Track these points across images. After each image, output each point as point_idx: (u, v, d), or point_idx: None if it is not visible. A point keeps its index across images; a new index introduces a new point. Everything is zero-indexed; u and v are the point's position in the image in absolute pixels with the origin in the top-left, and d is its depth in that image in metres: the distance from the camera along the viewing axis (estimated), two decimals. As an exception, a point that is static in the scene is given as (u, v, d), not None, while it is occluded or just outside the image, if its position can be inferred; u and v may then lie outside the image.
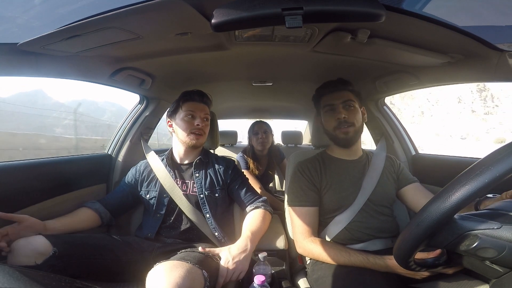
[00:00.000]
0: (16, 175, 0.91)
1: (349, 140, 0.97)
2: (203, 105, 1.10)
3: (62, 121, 36.83)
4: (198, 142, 1.07)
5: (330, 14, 0.57)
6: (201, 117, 1.07)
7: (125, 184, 1.12)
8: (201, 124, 1.06)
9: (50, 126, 40.84)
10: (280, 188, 2.54)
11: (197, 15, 0.64)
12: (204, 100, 1.11)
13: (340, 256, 0.82)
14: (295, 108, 2.31)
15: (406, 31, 0.77)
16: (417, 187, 1.01)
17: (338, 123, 0.96)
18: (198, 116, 1.07)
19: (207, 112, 1.12)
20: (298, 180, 0.99)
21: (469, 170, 0.45)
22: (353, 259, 0.79)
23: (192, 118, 1.06)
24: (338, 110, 0.96)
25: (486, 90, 46.12)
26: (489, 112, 38.05)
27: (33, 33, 0.66)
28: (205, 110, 1.10)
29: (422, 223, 0.47)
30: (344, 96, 0.98)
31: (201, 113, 1.08)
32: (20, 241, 0.73)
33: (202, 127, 1.07)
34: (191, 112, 1.06)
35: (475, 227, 0.46)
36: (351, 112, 0.96)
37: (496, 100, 44.97)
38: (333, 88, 1.01)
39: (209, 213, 1.02)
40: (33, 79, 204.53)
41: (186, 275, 0.62)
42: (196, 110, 1.07)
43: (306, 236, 0.91)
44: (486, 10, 0.67)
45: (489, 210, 0.51)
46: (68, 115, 26.09)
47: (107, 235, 0.95)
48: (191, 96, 1.10)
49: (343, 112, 0.95)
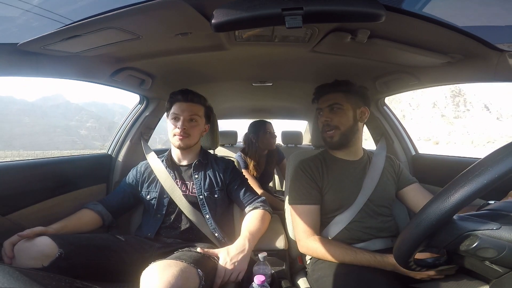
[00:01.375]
0: (16, 175, 0.91)
1: (334, 144, 0.97)
2: (189, 104, 1.05)
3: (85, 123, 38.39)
4: (184, 144, 1.03)
5: (330, 14, 0.57)
6: (185, 118, 1.03)
7: (126, 185, 1.12)
8: (183, 126, 1.02)
9: (75, 128, 42.42)
10: (280, 188, 2.54)
11: (197, 15, 0.64)
12: (189, 98, 1.06)
13: (346, 255, 0.82)
14: (295, 108, 2.31)
15: (406, 31, 0.77)
16: (416, 187, 1.01)
17: (322, 127, 0.99)
18: (182, 117, 1.03)
19: (195, 111, 1.06)
20: (300, 178, 0.99)
21: (467, 171, 0.45)
22: (359, 258, 0.80)
23: (175, 120, 1.04)
24: (323, 114, 0.98)
25: (460, 95, 49.58)
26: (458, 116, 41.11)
27: (33, 33, 0.66)
28: (191, 109, 1.05)
29: (421, 224, 0.47)
30: (331, 99, 0.98)
31: (185, 113, 1.03)
32: (25, 243, 0.73)
33: (186, 128, 1.03)
34: (174, 114, 1.04)
35: (474, 228, 0.46)
36: (336, 115, 0.96)
37: (469, 104, 48.41)
38: (322, 92, 1.02)
39: (209, 214, 1.02)
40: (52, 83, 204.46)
41: (179, 274, 0.62)
42: (179, 112, 1.04)
43: (309, 234, 0.91)
44: (486, 10, 0.67)
45: (489, 210, 0.51)
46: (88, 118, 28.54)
47: (111, 235, 0.95)
48: (175, 97, 1.06)
49: (326, 116, 0.97)
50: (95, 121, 38.15)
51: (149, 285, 0.60)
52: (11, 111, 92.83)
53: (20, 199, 0.89)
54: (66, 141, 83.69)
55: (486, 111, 50.01)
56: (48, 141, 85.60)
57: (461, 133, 38.19)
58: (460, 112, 47.97)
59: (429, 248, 0.53)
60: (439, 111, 43.21)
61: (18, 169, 0.94)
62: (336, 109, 0.96)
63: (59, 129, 63.01)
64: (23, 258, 0.71)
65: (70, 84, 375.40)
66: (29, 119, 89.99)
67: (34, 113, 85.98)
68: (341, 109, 0.96)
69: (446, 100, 49.51)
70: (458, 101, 52.34)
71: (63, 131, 52.49)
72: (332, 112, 0.96)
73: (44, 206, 0.97)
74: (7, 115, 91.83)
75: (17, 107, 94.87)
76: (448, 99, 49.79)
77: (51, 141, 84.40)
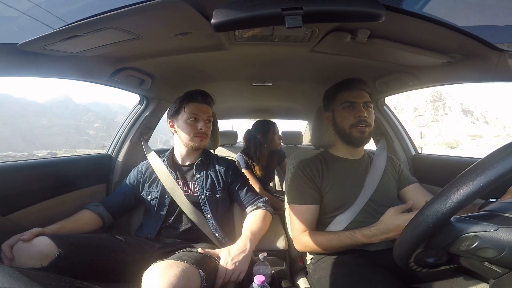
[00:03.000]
0: (16, 175, 0.91)
1: (363, 140, 0.97)
2: (206, 106, 1.08)
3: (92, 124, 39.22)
4: (202, 145, 1.07)
5: (330, 14, 0.57)
6: (204, 119, 1.06)
7: (126, 186, 1.11)
8: (204, 127, 1.05)
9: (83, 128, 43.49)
10: (280, 188, 2.53)
11: (197, 15, 0.64)
12: (207, 101, 1.09)
13: (330, 240, 0.84)
14: (295, 108, 2.31)
15: (406, 31, 0.78)
16: (417, 187, 1.01)
17: (357, 121, 0.95)
18: (201, 118, 1.05)
19: (210, 113, 1.10)
20: (298, 178, 0.98)
21: (465, 173, 0.45)
22: (343, 238, 0.83)
23: (195, 121, 1.05)
24: (359, 108, 0.95)
25: (440, 100, 51.44)
26: (436, 119, 42.34)
27: (33, 33, 0.66)
28: (208, 111, 1.08)
29: (419, 226, 0.48)
30: (365, 96, 0.98)
31: (204, 115, 1.06)
32: (24, 243, 0.73)
33: (205, 130, 1.06)
34: (194, 114, 1.05)
35: (472, 230, 0.46)
36: (370, 113, 0.97)
37: (447, 109, 50.07)
38: (355, 87, 1.00)
39: (210, 214, 1.02)
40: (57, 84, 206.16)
41: (181, 275, 0.62)
42: (199, 113, 1.05)
43: (303, 231, 0.92)
44: (486, 10, 0.67)
45: (487, 211, 0.51)
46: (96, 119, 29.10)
47: (110, 236, 0.95)
48: (194, 97, 1.07)
49: (363, 111, 0.95)
50: (102, 121, 39.21)
51: (151, 286, 0.60)
52: (28, 113, 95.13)
53: (20, 199, 0.89)
54: (80, 141, 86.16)
55: (463, 115, 51.91)
56: (65, 141, 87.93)
57: (434, 135, 40.05)
58: (439, 116, 49.94)
59: (429, 249, 0.53)
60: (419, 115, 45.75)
61: (18, 169, 0.94)
62: (369, 107, 0.97)
63: (72, 129, 64.58)
64: (22, 258, 0.71)
65: (74, 85, 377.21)
66: (46, 120, 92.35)
67: (48, 114, 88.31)
68: (371, 108, 0.98)
69: (426, 104, 50.99)
70: (438, 105, 54.37)
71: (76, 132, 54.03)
72: (366, 109, 0.96)
73: (44, 206, 0.97)
74: (25, 116, 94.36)
75: (32, 109, 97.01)
76: (428, 104, 51.62)
77: (67, 141, 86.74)
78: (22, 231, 0.76)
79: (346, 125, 0.97)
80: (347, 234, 0.83)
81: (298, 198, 0.96)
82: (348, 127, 0.96)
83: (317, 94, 1.22)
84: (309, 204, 0.94)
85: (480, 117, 58.41)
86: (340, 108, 0.99)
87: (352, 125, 0.95)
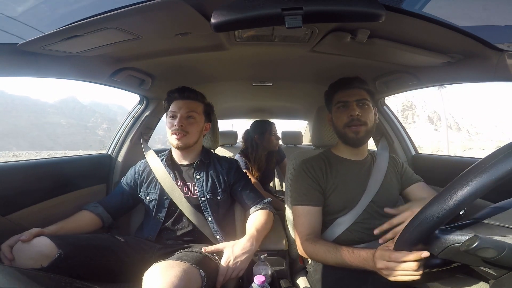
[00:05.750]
0: (16, 175, 0.91)
1: (358, 140, 0.94)
2: (186, 101, 1.03)
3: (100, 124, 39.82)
4: (182, 143, 1.00)
5: (330, 14, 0.57)
6: (183, 115, 1.01)
7: (124, 186, 1.10)
8: (180, 123, 0.99)
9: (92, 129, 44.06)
10: (280, 188, 2.53)
11: (197, 15, 0.64)
12: (185, 95, 1.04)
13: (328, 253, 0.80)
14: (295, 108, 2.31)
15: (406, 31, 0.78)
16: (421, 186, 0.99)
17: (349, 120, 0.92)
18: (179, 114, 1.01)
19: (192, 108, 1.03)
20: (302, 179, 0.96)
21: (465, 173, 0.47)
22: (339, 255, 0.77)
23: (173, 118, 1.02)
24: (351, 107, 0.93)
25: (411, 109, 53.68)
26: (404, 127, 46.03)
27: (33, 33, 0.66)
28: (188, 106, 1.02)
29: (419, 226, 0.50)
30: (359, 94, 0.95)
31: (183, 111, 1.01)
32: (23, 244, 0.73)
33: (184, 125, 1.00)
34: (172, 112, 1.02)
35: (454, 242, 0.48)
36: (365, 111, 0.94)
37: (416, 117, 52.04)
38: (348, 85, 0.98)
39: (211, 216, 1.01)
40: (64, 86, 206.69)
41: (182, 275, 0.62)
42: (176, 109, 1.02)
43: (306, 237, 0.89)
44: (486, 10, 0.67)
45: (472, 220, 0.53)
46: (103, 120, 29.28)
47: (110, 236, 0.94)
48: (172, 95, 1.05)
49: (356, 110, 0.92)
50: (110, 122, 39.86)
51: (152, 286, 0.60)
52: (48, 113, 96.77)
53: (20, 199, 0.89)
54: (95, 141, 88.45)
55: (429, 123, 54.08)
56: (83, 141, 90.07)
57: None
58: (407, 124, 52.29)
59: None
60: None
61: (18, 169, 0.94)
62: (364, 105, 0.94)
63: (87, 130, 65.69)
64: (22, 259, 0.71)
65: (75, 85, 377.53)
66: (65, 120, 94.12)
67: (64, 115, 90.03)
68: (368, 106, 0.95)
69: (397, 113, 53.88)
70: (408, 114, 56.75)
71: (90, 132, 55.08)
72: (361, 107, 0.93)
73: (44, 206, 0.97)
74: (46, 116, 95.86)
75: (49, 110, 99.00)
76: (399, 113, 54.00)
77: (85, 141, 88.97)
78: (22, 231, 0.76)
79: (341, 125, 0.95)
80: (345, 253, 0.77)
81: (302, 200, 0.93)
82: (342, 127, 0.95)
83: (317, 94, 1.22)
84: (314, 205, 0.92)
85: (453, 124, 61.51)
86: (335, 108, 0.98)
87: (345, 125, 0.94)
